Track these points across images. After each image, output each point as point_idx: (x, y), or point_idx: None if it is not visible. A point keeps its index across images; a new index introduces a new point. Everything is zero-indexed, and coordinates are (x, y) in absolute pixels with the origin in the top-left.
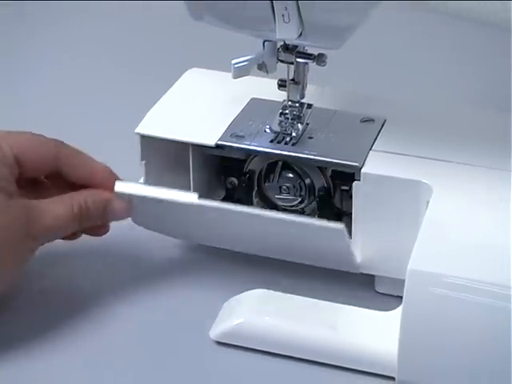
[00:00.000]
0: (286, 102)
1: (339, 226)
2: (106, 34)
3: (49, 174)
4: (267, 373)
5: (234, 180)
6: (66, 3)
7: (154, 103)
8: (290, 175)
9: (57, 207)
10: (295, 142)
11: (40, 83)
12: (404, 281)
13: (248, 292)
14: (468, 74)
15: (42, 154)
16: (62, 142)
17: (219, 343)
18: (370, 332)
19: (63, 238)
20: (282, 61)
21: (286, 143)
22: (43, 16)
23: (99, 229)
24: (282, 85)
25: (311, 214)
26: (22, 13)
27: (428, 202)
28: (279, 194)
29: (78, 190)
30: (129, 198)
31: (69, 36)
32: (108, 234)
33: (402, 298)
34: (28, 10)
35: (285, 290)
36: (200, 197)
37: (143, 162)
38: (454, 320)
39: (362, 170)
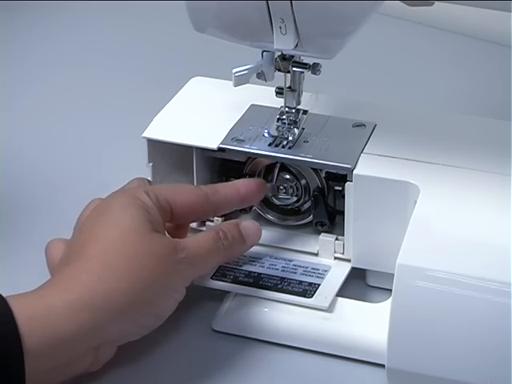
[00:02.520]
0: (283, 109)
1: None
2: (116, 46)
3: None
4: (266, 360)
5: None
6: (73, 13)
7: (160, 109)
8: (287, 176)
9: (198, 236)
10: (292, 146)
11: (50, 91)
12: (393, 275)
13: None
14: (456, 82)
15: (193, 198)
16: (207, 187)
17: (220, 333)
18: (361, 322)
19: None
20: (279, 70)
21: (283, 147)
22: (49, 23)
23: (180, 231)
24: (279, 92)
25: (306, 213)
26: (32, 20)
27: (415, 201)
28: (277, 194)
29: None
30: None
31: (79, 46)
32: None
33: (391, 290)
34: (36, 17)
35: None
36: None
37: (150, 164)
38: (439, 311)
39: (354, 172)
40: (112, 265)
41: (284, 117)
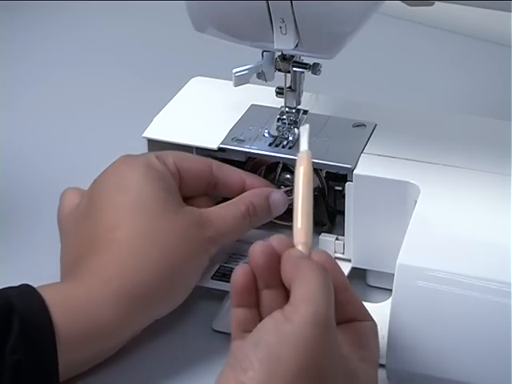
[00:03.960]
0: (283, 109)
1: None
2: (116, 46)
3: (204, 193)
4: None
5: None
6: (72, 13)
7: (161, 109)
8: (288, 176)
9: (224, 211)
10: (292, 146)
11: (50, 90)
12: (393, 274)
13: None
14: (456, 82)
15: (200, 165)
16: (213, 160)
17: (221, 333)
18: None
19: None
20: (279, 70)
21: (283, 146)
22: (49, 23)
23: None
24: (279, 92)
25: None
26: (32, 20)
27: (416, 202)
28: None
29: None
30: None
31: (79, 46)
32: None
33: (391, 290)
34: (36, 16)
35: None
36: None
37: None
38: (439, 311)
39: (354, 172)
40: (144, 253)
41: (284, 117)
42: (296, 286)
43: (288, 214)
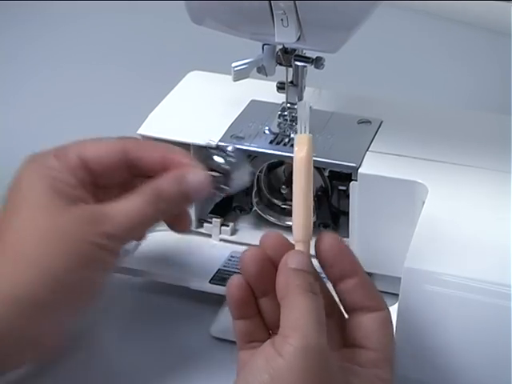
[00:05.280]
0: (284, 104)
1: None
2: (110, 39)
3: (123, 181)
4: None
5: None
6: (67, 4)
7: (156, 105)
8: (220, 161)
9: (125, 202)
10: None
11: (41, 86)
12: (400, 278)
13: None
14: (464, 76)
15: (108, 150)
16: (131, 139)
17: (219, 339)
18: None
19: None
20: (280, 64)
21: (284, 144)
22: (44, 18)
23: (181, 220)
24: (280, 87)
25: None
26: (24, 14)
27: (423, 202)
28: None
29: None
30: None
31: (72, 39)
32: None
33: (397, 295)
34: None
35: None
36: None
37: None
38: (447, 317)
39: (359, 171)
40: (28, 254)
41: (286, 113)
42: (285, 311)
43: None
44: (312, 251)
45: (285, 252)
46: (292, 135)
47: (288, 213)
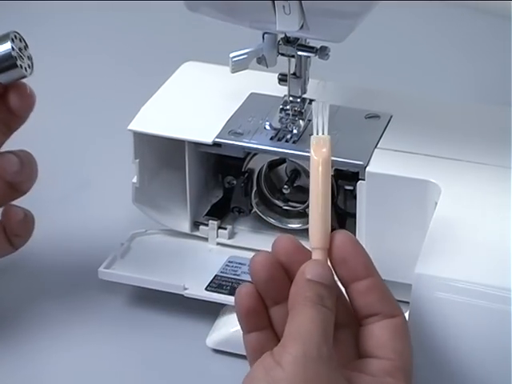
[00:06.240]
0: (286, 98)
1: None
2: (98, 26)
3: None
4: None
5: (232, 179)
6: None
7: (148, 98)
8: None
9: None
10: (296, 140)
11: (28, 79)
12: (410, 285)
13: None
14: (477, 68)
15: None
16: None
17: (216, 351)
18: None
19: None
20: (282, 54)
21: (286, 141)
22: (30, 7)
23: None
24: (282, 79)
25: None
26: (10, 5)
27: (436, 203)
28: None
29: None
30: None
31: (59, 28)
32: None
33: (408, 303)
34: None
35: None
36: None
37: (137, 160)
38: (463, 327)
39: (367, 169)
40: None
41: (288, 107)
42: (289, 321)
43: (296, 216)
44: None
45: (299, 258)
46: (294, 131)
47: (290, 214)
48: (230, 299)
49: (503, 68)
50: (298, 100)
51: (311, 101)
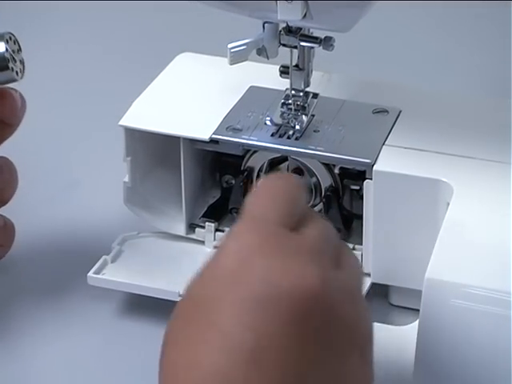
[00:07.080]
0: (288, 91)
1: None
2: (89, 20)
3: None
4: None
5: (231, 179)
6: None
7: (141, 92)
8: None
9: None
10: (299, 136)
11: None
12: (421, 291)
13: None
14: (489, 61)
15: None
16: None
17: None
18: (383, 348)
19: None
20: (284, 45)
21: (288, 137)
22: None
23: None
24: (284, 71)
25: None
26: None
27: (448, 204)
28: None
29: None
30: None
31: (50, 20)
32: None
33: (418, 310)
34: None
35: None
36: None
37: (128, 158)
38: (475, 334)
39: (374, 168)
40: None
41: (290, 101)
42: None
43: None
44: None
45: None
46: (297, 127)
47: None
48: None
49: None
50: (301, 94)
51: (315, 95)
